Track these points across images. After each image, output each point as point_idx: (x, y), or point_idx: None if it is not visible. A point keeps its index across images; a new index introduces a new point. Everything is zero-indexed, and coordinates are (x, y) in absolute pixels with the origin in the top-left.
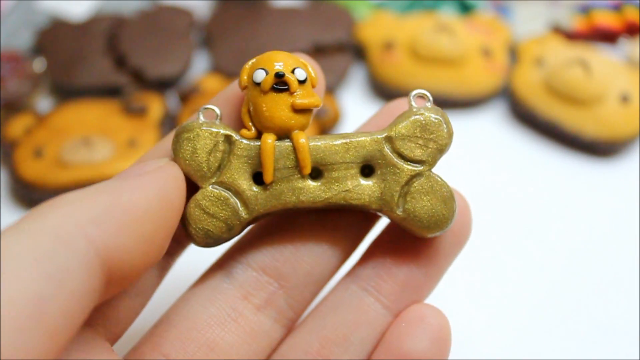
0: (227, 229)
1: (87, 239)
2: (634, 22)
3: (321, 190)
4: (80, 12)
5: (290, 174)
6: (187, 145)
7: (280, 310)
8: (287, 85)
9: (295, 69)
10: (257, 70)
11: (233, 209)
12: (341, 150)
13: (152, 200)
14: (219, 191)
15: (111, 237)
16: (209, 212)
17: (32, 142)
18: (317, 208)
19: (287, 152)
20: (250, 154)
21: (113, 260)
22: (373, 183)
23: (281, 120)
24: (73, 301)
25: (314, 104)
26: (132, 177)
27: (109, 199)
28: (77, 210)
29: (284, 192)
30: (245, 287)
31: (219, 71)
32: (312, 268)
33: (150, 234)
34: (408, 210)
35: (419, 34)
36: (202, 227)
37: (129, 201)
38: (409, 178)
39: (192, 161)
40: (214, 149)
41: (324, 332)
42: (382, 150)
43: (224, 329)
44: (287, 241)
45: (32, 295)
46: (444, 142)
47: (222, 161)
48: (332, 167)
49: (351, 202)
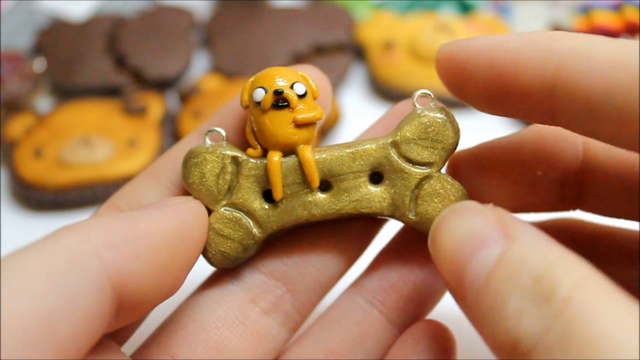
0: (242, 249)
1: (100, 262)
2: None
3: (332, 202)
4: (80, 12)
5: (300, 189)
6: (196, 171)
7: (287, 314)
8: (287, 102)
9: (294, 83)
10: (256, 89)
11: (246, 229)
12: (348, 160)
13: (169, 230)
14: (230, 212)
15: (125, 263)
16: (224, 234)
17: (32, 142)
18: (329, 220)
19: (295, 168)
20: (258, 172)
21: (125, 286)
22: (383, 189)
23: (285, 137)
24: (83, 322)
25: (315, 117)
26: (153, 208)
27: (125, 225)
28: (93, 233)
29: (295, 207)
30: (253, 290)
31: (219, 71)
32: (319, 272)
33: (166, 265)
34: (420, 214)
35: (419, 34)
36: (218, 250)
37: (146, 229)
38: (418, 181)
39: (202, 186)
40: (222, 172)
41: (329, 344)
42: (388, 156)
43: (232, 331)
44: (295, 245)
45: (43, 312)
46: (450, 141)
47: (232, 182)
48: (340, 178)
49: (362, 210)
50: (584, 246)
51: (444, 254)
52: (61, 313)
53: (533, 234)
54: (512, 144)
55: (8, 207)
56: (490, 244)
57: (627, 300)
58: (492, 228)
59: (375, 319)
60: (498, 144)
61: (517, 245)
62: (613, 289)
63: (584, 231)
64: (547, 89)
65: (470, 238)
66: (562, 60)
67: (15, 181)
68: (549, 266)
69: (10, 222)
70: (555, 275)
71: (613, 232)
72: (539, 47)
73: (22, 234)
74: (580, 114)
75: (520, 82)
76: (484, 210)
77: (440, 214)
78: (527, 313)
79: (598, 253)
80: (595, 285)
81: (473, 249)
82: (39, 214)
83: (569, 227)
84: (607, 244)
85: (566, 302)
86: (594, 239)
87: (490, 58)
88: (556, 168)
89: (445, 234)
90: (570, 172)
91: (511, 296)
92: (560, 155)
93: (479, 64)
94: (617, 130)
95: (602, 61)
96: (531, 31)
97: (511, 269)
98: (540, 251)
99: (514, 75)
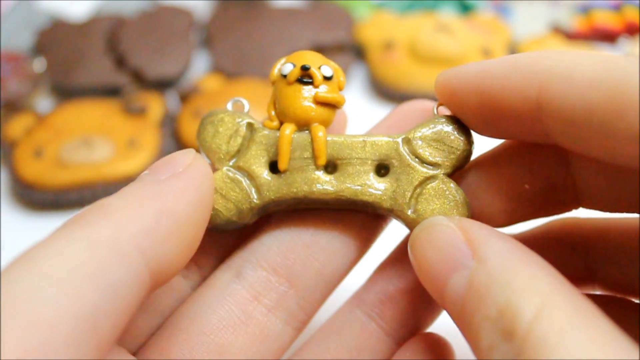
0: (236, 212)
1: (139, 251)
2: (634, 22)
3: (333, 183)
4: (80, 12)
5: (306, 165)
6: (210, 128)
7: (291, 311)
8: (312, 79)
9: (322, 66)
10: (285, 64)
11: (245, 192)
12: (358, 147)
13: (193, 205)
14: (233, 174)
15: (160, 247)
16: (222, 193)
17: (32, 142)
18: (327, 201)
19: (305, 144)
20: (269, 142)
21: (159, 269)
22: (386, 182)
23: (302, 111)
24: (124, 316)
25: (336, 99)
26: (169, 178)
27: (156, 206)
28: (129, 221)
29: (297, 181)
30: (255, 288)
31: (219, 71)
32: (323, 267)
33: (191, 240)
34: (419, 212)
35: (419, 34)
36: (213, 207)
37: (172, 207)
38: (423, 179)
39: (212, 143)
40: (235, 134)
41: (327, 356)
42: (398, 150)
43: (234, 332)
44: (297, 239)
45: (87, 310)
46: (462, 148)
47: (242, 146)
48: (347, 162)
49: (362, 197)
50: (582, 246)
51: (422, 273)
52: (105, 309)
53: (501, 250)
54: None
55: (8, 207)
56: (460, 267)
57: (594, 319)
58: (461, 247)
59: (373, 332)
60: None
61: (483, 267)
62: (579, 309)
63: (581, 231)
64: (533, 111)
65: (442, 260)
66: (543, 82)
67: (15, 181)
68: (511, 294)
69: (10, 222)
70: (516, 306)
71: (611, 228)
72: (521, 71)
73: (22, 234)
74: (567, 134)
75: (507, 106)
76: (451, 227)
77: (416, 228)
78: (496, 349)
79: (596, 252)
80: (557, 310)
81: (447, 272)
82: (39, 214)
83: (565, 228)
84: (603, 242)
85: (526, 337)
86: (591, 238)
87: (478, 84)
88: (541, 178)
89: (420, 253)
90: (559, 177)
91: (482, 329)
92: (543, 164)
93: (469, 91)
94: (601, 148)
95: (580, 81)
96: (517, 54)
97: (479, 296)
98: (504, 275)
99: (501, 99)
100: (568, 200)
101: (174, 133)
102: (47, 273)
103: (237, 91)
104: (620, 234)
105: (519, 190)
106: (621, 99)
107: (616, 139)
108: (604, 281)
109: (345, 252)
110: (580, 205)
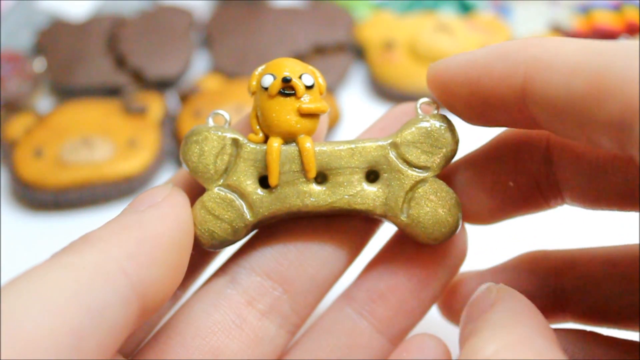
0: (232, 231)
1: (124, 274)
2: (634, 22)
3: (326, 195)
4: (80, 12)
5: (296, 178)
6: (195, 148)
7: (285, 315)
8: (294, 90)
9: (302, 74)
10: (265, 75)
11: (238, 211)
12: (346, 156)
13: (174, 230)
14: (225, 193)
15: (145, 271)
16: (215, 214)
17: (32, 142)
18: (321, 212)
19: (293, 156)
20: (256, 157)
21: (147, 292)
22: (378, 188)
23: (287, 125)
24: (109, 336)
25: (320, 109)
26: (148, 208)
27: (138, 233)
28: (113, 246)
29: (289, 195)
30: (249, 293)
31: (219, 71)
32: (316, 272)
33: (176, 263)
34: (412, 216)
35: (419, 34)
36: (208, 229)
37: (156, 234)
38: (414, 184)
39: (199, 163)
40: (221, 152)
41: (319, 354)
42: (387, 155)
43: (228, 336)
44: (290, 246)
45: (71, 329)
46: (449, 148)
47: (229, 164)
48: (337, 172)
49: (355, 206)
50: (552, 277)
51: None
52: (89, 329)
53: None
54: (481, 157)
55: (8, 207)
56: None
57: None
58: None
59: (364, 330)
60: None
61: None
62: None
63: (550, 262)
64: (519, 99)
65: None
66: (527, 70)
67: (15, 181)
68: None
69: (10, 222)
70: None
71: (577, 259)
72: (507, 59)
73: (22, 234)
74: (552, 121)
75: (495, 95)
76: None
77: None
78: None
79: (565, 283)
80: None
81: None
82: (39, 214)
83: (535, 260)
84: (572, 272)
85: None
86: (560, 269)
87: (466, 75)
88: (525, 175)
89: None
90: (542, 174)
91: None
92: (527, 162)
93: (458, 82)
94: (584, 134)
95: (562, 68)
96: (503, 42)
97: None
98: None
99: (489, 89)
100: (552, 197)
101: (174, 133)
102: (30, 293)
103: (237, 91)
104: (587, 264)
105: (504, 188)
106: (601, 86)
107: (596, 126)
108: (574, 311)
109: (338, 256)
110: (564, 202)
